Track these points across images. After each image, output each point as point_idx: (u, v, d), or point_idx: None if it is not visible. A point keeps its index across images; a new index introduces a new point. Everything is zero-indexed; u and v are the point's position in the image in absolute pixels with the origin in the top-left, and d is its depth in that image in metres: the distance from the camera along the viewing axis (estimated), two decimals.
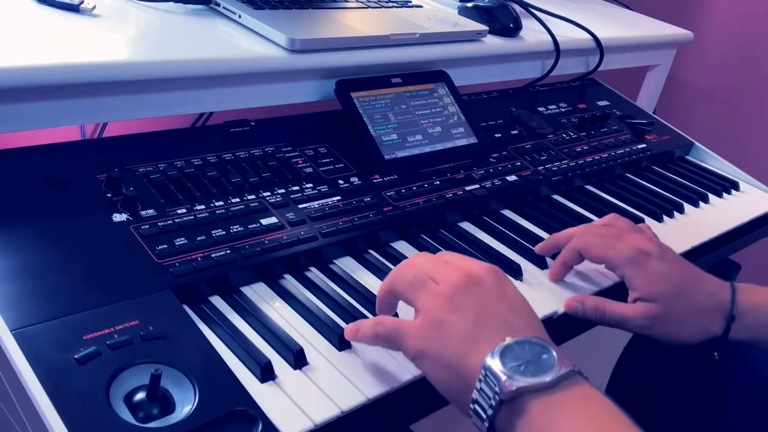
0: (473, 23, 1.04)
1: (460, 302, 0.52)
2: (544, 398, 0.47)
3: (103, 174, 0.67)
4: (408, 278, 0.55)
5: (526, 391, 0.47)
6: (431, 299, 0.53)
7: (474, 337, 0.50)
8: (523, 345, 0.49)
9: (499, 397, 0.47)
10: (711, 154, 1.19)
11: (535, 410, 0.47)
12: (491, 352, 0.49)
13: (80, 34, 0.73)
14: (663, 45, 1.38)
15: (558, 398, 0.47)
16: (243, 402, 0.51)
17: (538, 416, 0.46)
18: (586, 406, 0.47)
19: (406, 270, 0.56)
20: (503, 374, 0.47)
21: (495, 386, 0.47)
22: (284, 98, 0.85)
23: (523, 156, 0.96)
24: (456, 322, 0.51)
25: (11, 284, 0.54)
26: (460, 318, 0.51)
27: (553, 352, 0.49)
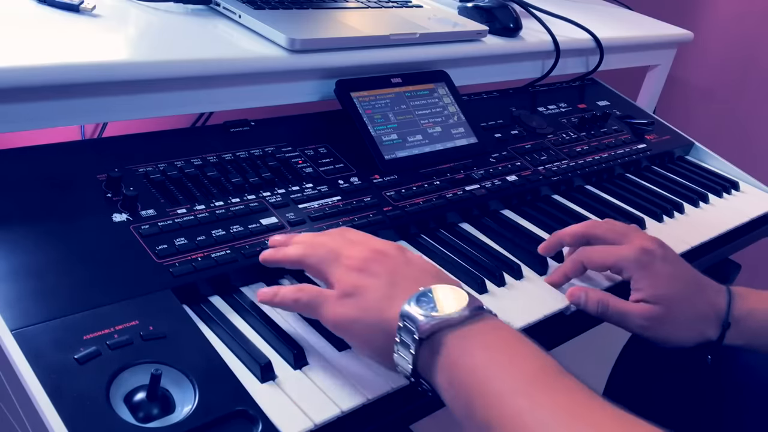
0: (473, 23, 1.04)
1: (373, 269, 0.56)
2: (458, 331, 0.51)
3: (103, 174, 0.67)
4: (319, 254, 0.59)
5: (442, 327, 0.51)
6: (345, 271, 0.57)
7: (390, 295, 0.54)
8: (435, 290, 0.53)
9: (418, 335, 0.50)
10: (711, 154, 1.19)
11: (450, 343, 0.50)
12: (407, 301, 0.52)
13: (80, 34, 0.73)
14: (663, 45, 1.38)
15: (471, 330, 0.51)
16: (243, 402, 0.51)
17: (454, 348, 0.50)
18: (498, 335, 0.51)
19: (316, 247, 0.60)
20: (420, 316, 0.51)
21: (413, 328, 0.51)
22: (284, 98, 0.85)
23: (523, 156, 0.96)
24: (371, 285, 0.55)
25: (11, 284, 0.54)
26: (375, 281, 0.55)
27: (463, 293, 0.53)
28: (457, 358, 0.50)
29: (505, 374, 0.48)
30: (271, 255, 0.63)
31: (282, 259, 0.62)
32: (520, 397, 0.46)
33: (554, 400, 0.46)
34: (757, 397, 0.90)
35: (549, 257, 0.78)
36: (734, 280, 1.07)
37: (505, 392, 0.47)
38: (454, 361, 0.50)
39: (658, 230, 0.92)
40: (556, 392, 0.47)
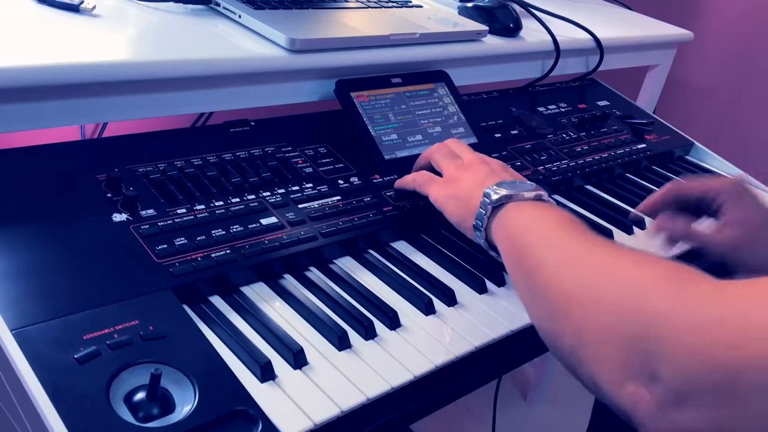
0: (473, 23, 1.04)
1: (476, 169, 0.73)
2: (518, 204, 0.65)
3: (103, 174, 0.67)
4: (442, 151, 0.78)
5: (507, 200, 0.65)
6: (455, 167, 0.75)
7: (482, 184, 0.69)
8: (515, 182, 0.69)
9: (490, 205, 0.65)
10: (711, 154, 1.19)
11: (509, 210, 0.65)
12: (490, 186, 0.68)
13: (80, 34, 0.73)
14: (663, 45, 1.38)
15: (526, 204, 0.65)
16: (243, 402, 0.51)
17: (510, 214, 0.65)
18: (546, 206, 0.65)
19: (443, 146, 0.79)
20: (494, 192, 0.66)
21: (488, 200, 0.66)
22: (284, 98, 0.85)
23: (523, 156, 0.96)
24: (469, 177, 0.72)
25: (11, 284, 0.54)
26: (473, 175, 0.72)
27: (534, 185, 0.67)
28: (511, 219, 0.64)
29: (539, 227, 0.61)
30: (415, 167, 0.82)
31: (417, 163, 0.82)
32: (544, 246, 0.59)
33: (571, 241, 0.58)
34: None
35: None
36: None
37: (534, 241, 0.60)
38: (509, 220, 0.64)
39: None
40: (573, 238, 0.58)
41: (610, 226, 0.89)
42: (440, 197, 0.73)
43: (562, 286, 0.53)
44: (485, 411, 1.21)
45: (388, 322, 0.64)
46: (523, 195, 0.66)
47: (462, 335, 0.64)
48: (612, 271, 0.51)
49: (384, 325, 0.64)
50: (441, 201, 0.73)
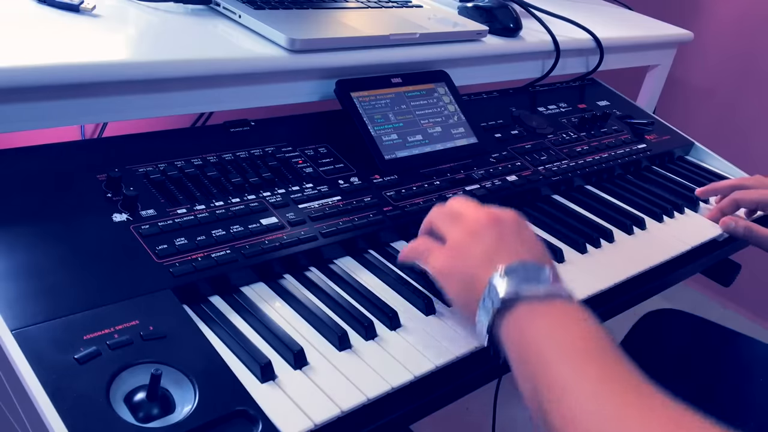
0: (473, 23, 1.04)
1: (483, 235, 0.62)
2: (531, 305, 0.55)
3: (103, 174, 0.67)
4: (444, 213, 0.66)
5: (518, 298, 0.55)
6: (459, 230, 0.63)
7: (489, 261, 0.59)
8: (526, 265, 0.58)
9: (497, 304, 0.56)
10: (711, 154, 1.19)
11: (521, 312, 0.55)
12: (499, 271, 0.57)
13: (80, 34, 0.73)
14: (663, 45, 1.38)
15: (540, 306, 0.55)
16: (243, 402, 0.51)
17: (523, 317, 0.55)
18: (563, 309, 0.56)
19: (443, 207, 0.67)
20: (502, 285, 0.56)
21: (495, 295, 0.56)
22: (284, 98, 0.85)
23: (523, 156, 0.96)
24: (475, 247, 0.61)
25: (11, 284, 0.54)
26: (480, 246, 0.61)
27: (548, 272, 0.58)
28: (523, 324, 0.55)
29: (556, 342, 0.53)
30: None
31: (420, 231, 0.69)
32: (563, 365, 0.51)
33: (593, 366, 0.50)
34: (759, 396, 0.90)
35: None
36: (734, 279, 1.07)
37: (552, 358, 0.52)
38: (521, 325, 0.55)
39: (658, 230, 0.92)
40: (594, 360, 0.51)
41: (610, 226, 0.89)
42: (441, 272, 0.63)
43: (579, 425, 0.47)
44: (485, 411, 1.21)
45: (388, 322, 0.64)
46: (536, 292, 0.56)
47: (462, 335, 0.64)
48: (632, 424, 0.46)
49: (384, 325, 0.64)
50: (442, 278, 0.62)
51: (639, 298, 0.82)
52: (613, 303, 0.77)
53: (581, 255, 0.82)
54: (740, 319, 2.00)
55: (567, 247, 0.82)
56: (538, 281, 0.57)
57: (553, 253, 0.79)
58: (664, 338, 1.02)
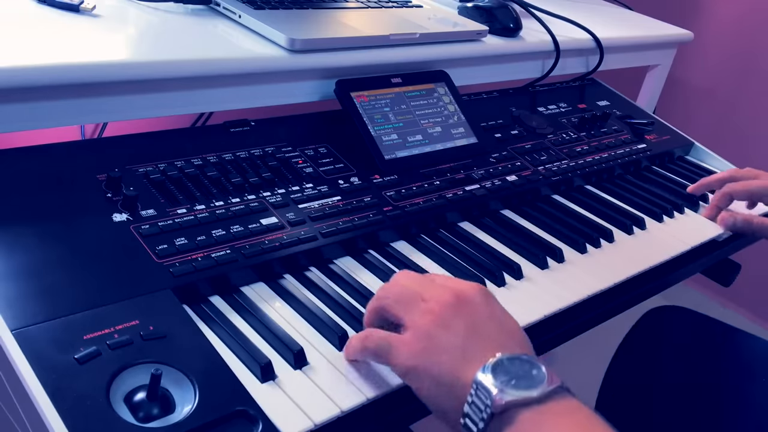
0: (473, 23, 1.04)
1: (451, 320, 0.53)
2: (532, 410, 0.48)
3: (103, 174, 0.67)
4: (395, 295, 0.56)
5: (516, 405, 0.48)
6: (421, 316, 0.53)
7: (465, 353, 0.51)
8: (513, 361, 0.50)
9: (490, 410, 0.48)
10: (711, 154, 1.19)
11: (523, 421, 0.48)
12: (483, 367, 0.49)
13: (80, 34, 0.73)
14: (663, 45, 1.38)
15: (545, 409, 0.48)
16: (243, 402, 0.51)
17: (525, 427, 0.48)
18: (571, 417, 0.49)
19: (392, 288, 0.57)
20: (495, 388, 0.48)
21: (486, 399, 0.48)
22: (284, 98, 0.85)
23: (523, 156, 0.96)
24: (447, 339, 0.52)
25: (11, 284, 0.54)
26: (451, 335, 0.52)
27: (542, 368, 0.50)
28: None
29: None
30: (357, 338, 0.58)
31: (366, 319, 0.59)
32: None
33: None
34: (759, 394, 0.90)
35: (550, 258, 0.78)
36: (734, 279, 1.07)
37: None
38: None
39: (658, 230, 0.92)
40: None
41: (610, 226, 0.89)
42: (408, 372, 0.52)
43: None
44: None
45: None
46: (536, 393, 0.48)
47: None
48: None
49: None
50: (410, 378, 0.53)
51: (639, 298, 0.82)
52: (613, 303, 0.77)
53: (581, 255, 0.82)
54: (740, 319, 2.00)
55: (567, 247, 0.82)
56: (533, 380, 0.49)
57: (553, 253, 0.79)
58: (666, 335, 1.02)
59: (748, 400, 0.90)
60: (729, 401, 0.91)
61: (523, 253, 0.79)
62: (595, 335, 0.84)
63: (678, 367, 0.97)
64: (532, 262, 0.78)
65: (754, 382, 0.92)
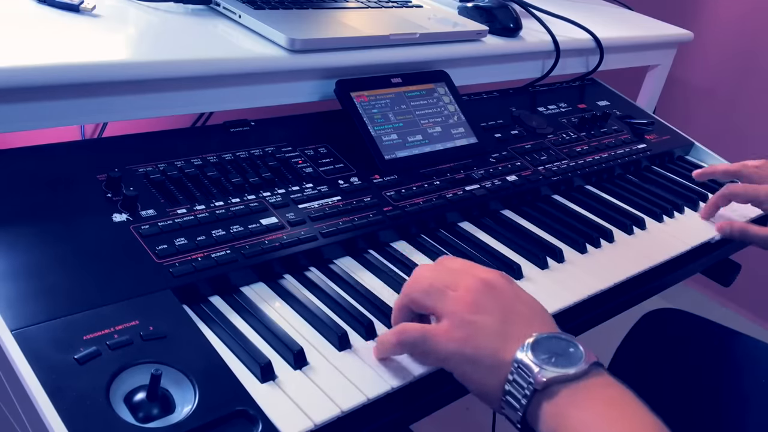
0: (473, 23, 1.04)
1: (484, 304, 0.55)
2: (570, 387, 0.51)
3: (103, 174, 0.67)
4: (423, 288, 0.58)
5: (556, 381, 0.51)
6: (454, 304, 0.56)
7: (503, 334, 0.54)
8: (550, 339, 0.53)
9: (533, 387, 0.51)
10: (711, 154, 1.19)
11: (561, 397, 0.50)
12: (521, 347, 0.52)
13: (80, 34, 0.73)
14: (663, 45, 1.38)
15: (582, 386, 0.51)
16: (243, 402, 0.51)
17: (563, 402, 0.50)
18: (606, 393, 0.52)
19: (419, 282, 0.59)
20: (536, 366, 0.51)
21: (529, 377, 0.51)
22: (284, 98, 0.85)
23: (523, 156, 0.96)
24: (484, 322, 0.54)
25: (11, 284, 0.54)
26: (487, 318, 0.55)
27: (579, 346, 0.53)
28: (565, 411, 0.50)
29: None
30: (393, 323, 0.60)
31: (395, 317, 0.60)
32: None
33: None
34: (760, 393, 0.90)
35: (550, 258, 0.78)
36: (734, 279, 1.07)
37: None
38: (561, 412, 0.50)
39: (658, 230, 0.92)
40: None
41: (610, 226, 0.89)
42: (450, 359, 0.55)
43: None
44: (485, 411, 1.21)
45: (388, 322, 0.64)
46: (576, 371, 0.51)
47: None
48: None
49: (383, 325, 0.64)
50: (452, 364, 0.55)
51: (639, 298, 0.82)
52: (613, 303, 0.77)
53: (581, 255, 0.82)
54: (740, 319, 2.00)
55: (567, 247, 0.82)
56: (572, 357, 0.52)
57: (553, 253, 0.79)
58: (664, 338, 1.02)
59: (746, 403, 0.90)
60: (727, 404, 0.91)
61: (523, 253, 0.79)
62: (594, 336, 0.84)
63: (676, 369, 0.97)
64: (532, 262, 0.78)
65: (753, 385, 0.92)
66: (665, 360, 0.99)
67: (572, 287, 0.75)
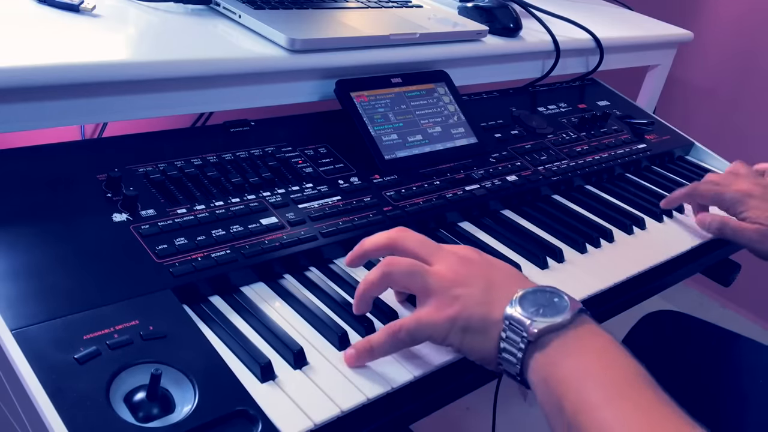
0: (473, 23, 1.04)
1: (466, 276, 0.57)
2: (560, 335, 0.53)
3: (103, 174, 0.67)
4: (402, 267, 0.59)
5: (547, 331, 0.53)
6: (437, 281, 0.57)
7: (489, 298, 0.56)
8: (535, 293, 0.55)
9: (527, 339, 0.53)
10: (711, 154, 1.19)
11: (552, 347, 0.53)
12: (509, 303, 0.55)
13: (80, 34, 0.73)
14: (663, 45, 1.38)
15: (571, 335, 0.53)
16: (243, 402, 0.51)
17: (554, 352, 0.52)
18: (594, 341, 0.54)
19: (392, 266, 0.59)
20: (526, 318, 0.53)
21: (521, 331, 0.53)
22: (284, 98, 0.85)
23: (523, 156, 0.96)
24: (469, 292, 0.57)
25: (11, 284, 0.54)
26: (472, 288, 0.57)
27: (563, 296, 0.55)
28: (555, 360, 0.52)
29: (595, 383, 0.51)
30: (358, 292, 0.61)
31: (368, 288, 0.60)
32: (606, 409, 0.49)
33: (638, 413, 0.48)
34: (759, 394, 0.90)
35: (550, 258, 0.78)
36: (734, 279, 1.07)
37: (594, 401, 0.49)
38: (552, 361, 0.52)
39: (658, 230, 0.92)
40: (639, 406, 0.49)
41: (610, 226, 0.89)
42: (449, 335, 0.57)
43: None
44: (485, 411, 1.21)
45: (388, 322, 0.64)
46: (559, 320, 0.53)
47: None
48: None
49: (383, 325, 0.64)
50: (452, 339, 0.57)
51: (639, 298, 0.82)
52: (613, 303, 0.77)
53: (581, 255, 0.82)
54: (740, 319, 2.00)
55: (567, 247, 0.82)
56: (557, 307, 0.54)
57: (553, 253, 0.79)
58: (662, 340, 1.02)
59: (744, 404, 0.90)
60: (726, 406, 0.91)
61: (523, 253, 0.79)
62: None
63: (674, 371, 0.97)
64: (532, 262, 0.78)
65: (751, 387, 0.92)
66: (663, 362, 0.99)
67: (572, 287, 0.74)
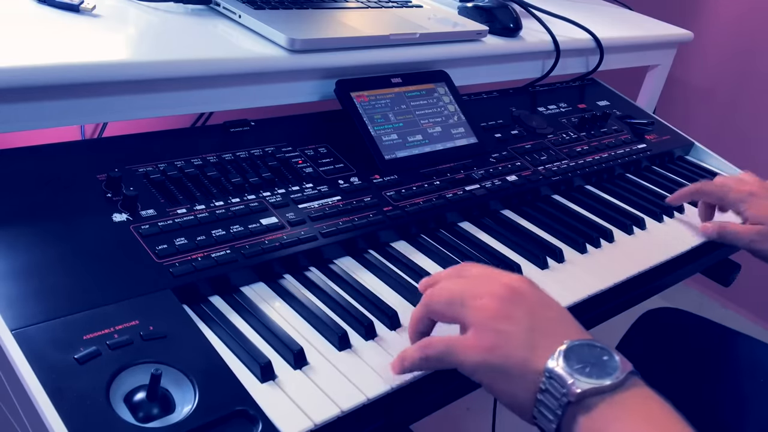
0: (473, 23, 1.04)
1: (511, 312, 0.53)
2: (606, 398, 0.48)
3: (103, 174, 0.67)
4: (445, 298, 0.56)
5: (591, 393, 0.48)
6: (479, 313, 0.54)
7: (532, 343, 0.51)
8: (583, 347, 0.51)
9: (566, 398, 0.48)
10: (711, 154, 1.19)
11: (598, 410, 0.48)
12: (552, 356, 0.50)
13: (80, 34, 0.73)
14: (663, 45, 1.38)
15: (619, 398, 0.48)
16: (243, 402, 0.51)
17: (600, 416, 0.48)
18: (645, 406, 0.49)
19: (440, 292, 0.57)
20: (569, 376, 0.48)
21: (562, 388, 0.49)
22: (284, 98, 0.85)
23: (523, 156, 0.96)
24: (512, 331, 0.52)
25: (11, 284, 0.54)
26: (515, 327, 0.52)
27: (614, 355, 0.50)
28: (602, 426, 0.48)
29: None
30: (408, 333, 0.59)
31: (413, 326, 0.59)
32: None
33: None
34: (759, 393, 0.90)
35: (550, 258, 0.78)
36: (734, 279, 1.07)
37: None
38: (600, 428, 0.48)
39: (658, 230, 0.92)
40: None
41: (610, 226, 0.89)
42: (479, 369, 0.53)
43: None
44: (485, 411, 1.21)
45: (388, 322, 0.64)
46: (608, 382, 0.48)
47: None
48: None
49: (384, 325, 0.64)
50: (482, 375, 0.53)
51: (639, 298, 0.82)
52: (613, 303, 0.77)
53: (581, 255, 0.82)
54: (740, 319, 2.00)
55: (567, 247, 0.82)
56: (606, 367, 0.49)
57: (553, 253, 0.79)
58: (662, 337, 1.02)
59: (744, 402, 0.90)
60: (726, 404, 0.91)
61: (523, 253, 0.79)
62: (594, 336, 0.84)
63: (674, 369, 0.97)
64: (532, 262, 0.78)
65: (751, 385, 0.92)
66: (663, 359, 0.99)
67: (572, 287, 0.75)
